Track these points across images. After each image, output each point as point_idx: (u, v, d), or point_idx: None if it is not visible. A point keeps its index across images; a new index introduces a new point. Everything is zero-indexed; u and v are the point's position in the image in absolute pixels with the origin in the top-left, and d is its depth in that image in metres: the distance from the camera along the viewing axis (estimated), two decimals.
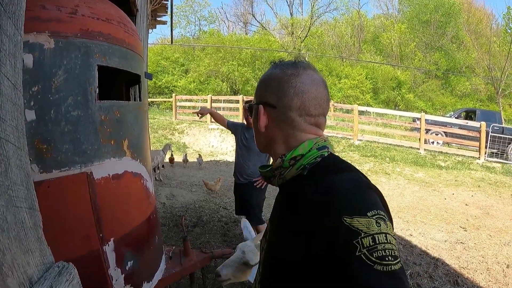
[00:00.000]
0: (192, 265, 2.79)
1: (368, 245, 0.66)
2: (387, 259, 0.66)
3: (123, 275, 1.87)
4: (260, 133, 0.96)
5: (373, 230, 0.68)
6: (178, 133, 14.23)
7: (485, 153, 11.37)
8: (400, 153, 11.23)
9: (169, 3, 7.34)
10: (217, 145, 13.12)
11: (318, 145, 0.90)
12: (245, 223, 2.47)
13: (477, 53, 33.31)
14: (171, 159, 9.67)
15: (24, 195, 0.68)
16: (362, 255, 0.65)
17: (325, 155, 0.90)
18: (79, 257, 1.61)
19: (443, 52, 33.85)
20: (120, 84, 2.58)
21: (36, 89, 1.54)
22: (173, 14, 8.01)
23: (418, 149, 11.87)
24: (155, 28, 8.81)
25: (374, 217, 0.70)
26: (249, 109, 1.01)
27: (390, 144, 12.43)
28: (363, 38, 36.64)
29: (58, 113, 1.61)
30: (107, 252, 1.76)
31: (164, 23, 8.86)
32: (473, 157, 11.40)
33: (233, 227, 5.27)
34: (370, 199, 0.75)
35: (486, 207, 6.83)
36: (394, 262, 0.66)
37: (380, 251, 0.66)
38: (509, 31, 29.80)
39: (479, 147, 11.30)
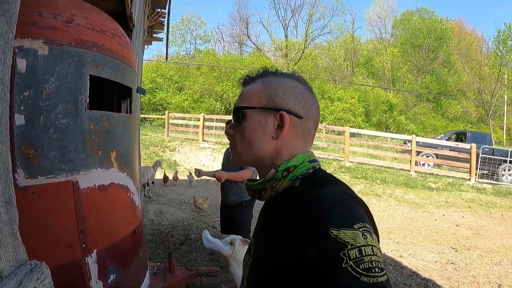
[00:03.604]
0: (177, 281, 2.74)
1: (354, 257, 0.66)
2: (373, 270, 0.65)
3: None
4: (267, 142, 0.90)
5: (359, 242, 0.68)
6: (170, 151, 14.17)
7: (476, 175, 11.52)
8: (391, 175, 11.28)
9: (165, 20, 7.43)
10: (208, 164, 13.07)
11: (310, 158, 0.91)
12: (205, 234, 2.44)
13: (467, 76, 34.23)
14: (165, 178, 9.51)
15: (2, 188, 0.67)
16: (348, 266, 0.65)
17: (317, 167, 0.91)
18: (61, 266, 1.58)
19: (434, 75, 34.64)
20: (112, 96, 2.58)
21: (27, 94, 1.54)
22: (169, 32, 8.10)
23: (409, 171, 11.94)
24: (151, 44, 8.88)
25: (360, 230, 0.70)
26: (239, 114, 0.92)
27: (381, 166, 12.49)
28: (356, 61, 37.32)
29: (48, 120, 1.61)
30: (90, 263, 1.73)
31: (160, 40, 8.94)
32: (464, 178, 11.50)
33: None
34: (356, 212, 0.75)
35: (477, 227, 6.85)
36: (381, 274, 0.66)
37: (367, 263, 0.66)
38: (499, 54, 30.59)
39: (470, 169, 11.43)
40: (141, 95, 3.80)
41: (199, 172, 4.14)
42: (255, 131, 0.90)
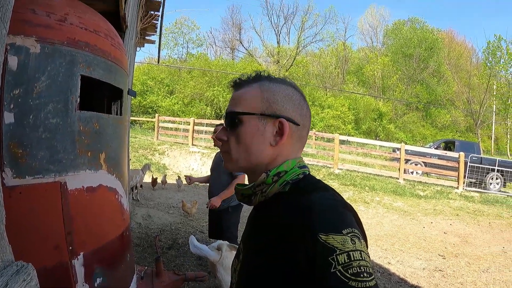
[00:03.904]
0: (164, 286, 2.71)
1: (343, 261, 0.67)
2: (362, 275, 0.66)
3: None
4: (265, 149, 0.89)
5: (348, 247, 0.68)
6: (159, 154, 14.09)
7: (464, 183, 11.70)
8: (380, 182, 11.35)
9: (158, 23, 7.40)
10: (197, 168, 13.02)
11: (300, 164, 0.91)
12: (191, 239, 2.42)
13: (457, 86, 34.80)
14: (154, 182, 9.41)
15: None
16: (337, 271, 0.66)
17: (306, 173, 0.91)
18: (47, 268, 1.55)
19: (424, 85, 35.11)
20: (103, 98, 2.56)
21: (17, 92, 1.51)
22: (162, 35, 8.07)
23: (398, 178, 12.05)
24: (143, 46, 8.83)
25: (349, 235, 0.71)
26: (235, 119, 0.91)
27: (370, 174, 12.57)
28: (347, 69, 37.66)
29: (37, 119, 1.58)
30: (76, 266, 1.70)
31: (153, 42, 8.90)
32: (452, 186, 11.67)
33: None
34: (345, 218, 0.76)
35: (464, 235, 6.93)
36: (369, 278, 0.67)
37: (355, 268, 0.66)
38: (488, 64, 31.16)
39: (458, 177, 11.62)
40: (132, 97, 3.78)
41: (189, 179, 4.15)
42: (253, 137, 0.89)
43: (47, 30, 1.63)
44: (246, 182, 0.98)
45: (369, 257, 0.73)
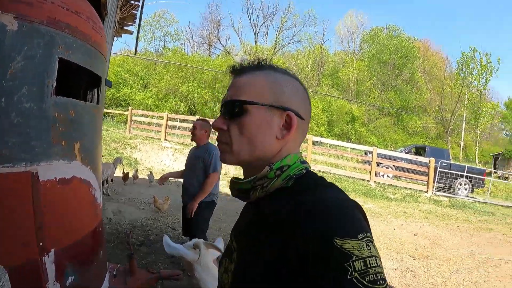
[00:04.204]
0: (137, 285, 2.60)
1: (360, 268, 0.63)
2: (378, 283, 0.63)
3: None
4: (271, 143, 0.83)
5: (364, 254, 0.65)
6: (131, 148, 13.75)
7: (433, 187, 12.05)
8: (351, 184, 11.50)
9: (138, 13, 7.21)
10: (169, 164, 12.78)
11: (301, 159, 0.86)
12: (165, 239, 2.32)
13: (429, 94, 35.85)
14: (125, 176, 9.13)
15: None
16: (353, 278, 0.62)
17: (308, 169, 0.86)
18: (15, 267, 1.42)
19: (398, 91, 36.04)
20: (79, 86, 2.41)
21: None
22: (141, 26, 7.87)
23: (369, 181, 12.26)
24: (121, 36, 8.61)
25: (364, 240, 0.67)
26: (239, 108, 0.83)
27: (342, 175, 12.73)
28: (322, 72, 38.11)
29: (10, 102, 1.45)
30: (47, 263, 1.57)
31: (130, 33, 8.69)
32: (421, 190, 11.99)
33: None
34: (359, 221, 0.72)
35: (434, 237, 7.08)
36: (384, 285, 0.64)
37: (372, 275, 0.63)
38: (461, 75, 32.28)
39: (428, 181, 11.97)
40: (107, 87, 3.63)
41: (161, 179, 4.14)
42: (259, 129, 0.83)
43: (27, 8, 1.50)
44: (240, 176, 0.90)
45: (381, 262, 0.69)
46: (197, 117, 15.08)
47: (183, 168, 4.25)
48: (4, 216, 1.43)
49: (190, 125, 15.37)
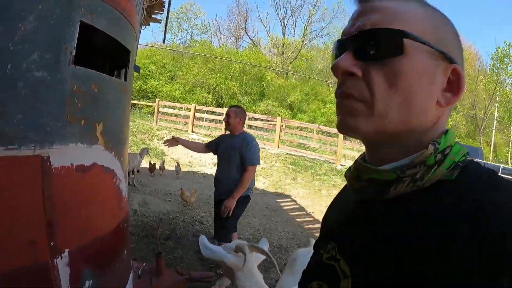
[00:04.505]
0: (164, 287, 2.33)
1: None
2: None
3: None
4: (431, 107, 0.51)
5: None
6: (157, 139, 13.67)
7: None
8: None
9: (166, 1, 7.02)
10: (196, 156, 12.60)
11: (455, 137, 0.54)
12: (202, 240, 1.99)
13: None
14: (152, 168, 8.96)
15: None
16: None
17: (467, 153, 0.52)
18: (19, 270, 1.15)
19: None
20: (105, 59, 2.14)
21: None
22: (169, 12, 7.71)
23: None
24: (149, 25, 8.46)
25: None
26: (392, 43, 0.50)
27: None
28: None
29: (17, 70, 1.17)
30: (60, 266, 1.30)
31: (159, 21, 8.54)
32: None
33: None
34: None
35: None
36: None
37: None
38: (495, 71, 30.95)
39: None
40: (136, 73, 3.37)
41: (171, 141, 3.75)
42: (420, 83, 0.50)
43: None
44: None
45: None
46: (225, 109, 14.87)
47: (203, 148, 3.93)
48: (7, 209, 1.16)
49: (217, 117, 15.21)
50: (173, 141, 3.77)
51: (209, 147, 3.84)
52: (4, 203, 1.15)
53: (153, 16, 8.06)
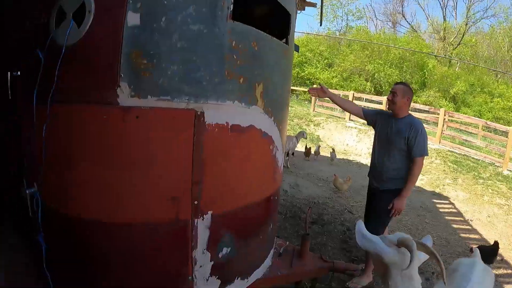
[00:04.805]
0: (304, 271, 2.19)
1: None
2: None
3: (212, 262, 1.36)
4: None
5: None
6: (314, 125, 13.72)
7: None
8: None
9: None
10: (352, 144, 12.20)
11: None
12: (359, 227, 1.68)
13: None
14: (307, 152, 8.97)
15: None
16: None
17: None
18: (157, 223, 1.14)
19: None
20: (265, 20, 2.06)
21: None
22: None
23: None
24: (304, 10, 8.38)
25: None
26: None
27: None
28: None
29: (172, 23, 1.14)
30: (199, 227, 1.26)
31: (314, 5, 8.33)
32: None
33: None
34: None
35: None
36: None
37: None
38: None
39: None
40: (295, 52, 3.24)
41: (319, 91, 3.23)
42: None
43: None
44: None
45: None
46: (384, 97, 13.97)
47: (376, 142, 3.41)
48: (154, 161, 1.15)
49: (376, 106, 14.42)
50: (320, 91, 3.26)
51: (365, 115, 3.35)
52: (151, 156, 1.14)
53: (307, 0, 7.93)
